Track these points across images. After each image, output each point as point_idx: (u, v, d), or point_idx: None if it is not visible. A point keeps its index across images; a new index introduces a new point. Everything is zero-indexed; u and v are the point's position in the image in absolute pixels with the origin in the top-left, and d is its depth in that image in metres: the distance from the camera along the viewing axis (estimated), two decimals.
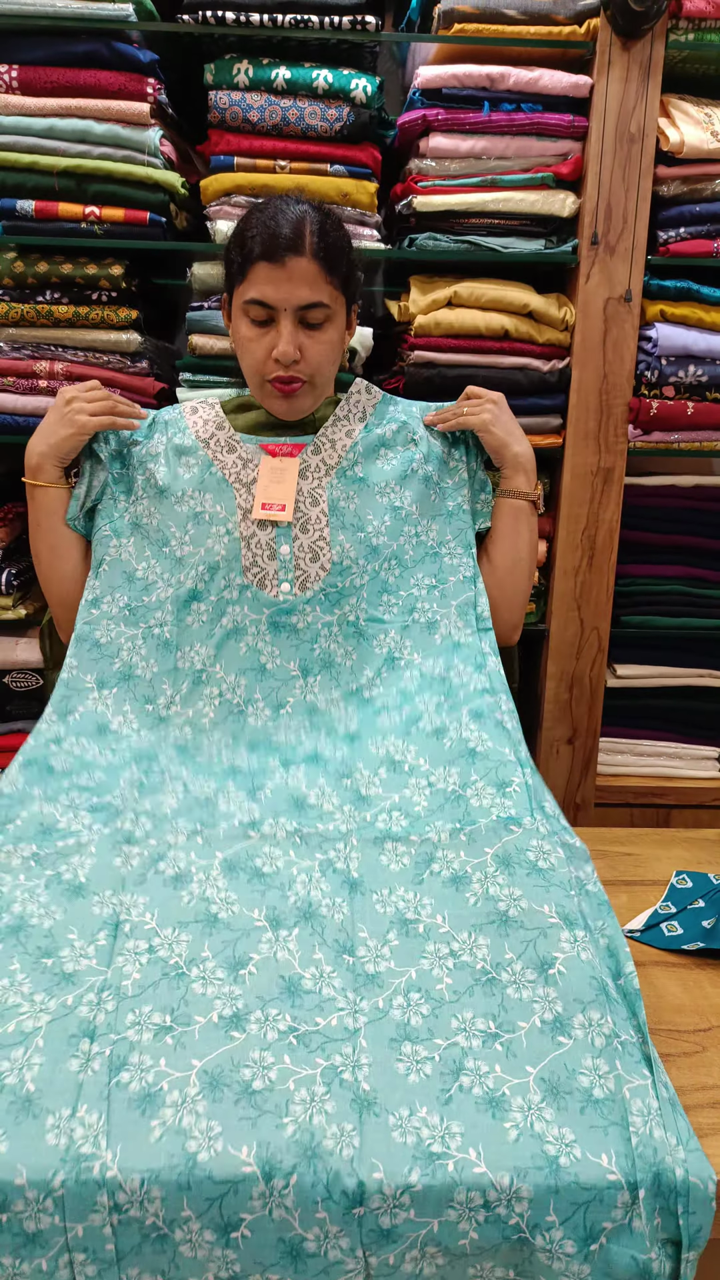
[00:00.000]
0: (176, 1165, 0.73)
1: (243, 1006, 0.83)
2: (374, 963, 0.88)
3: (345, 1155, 0.74)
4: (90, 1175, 0.72)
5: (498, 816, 1.00)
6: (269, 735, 1.16)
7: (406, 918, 0.91)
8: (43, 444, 1.27)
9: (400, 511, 1.25)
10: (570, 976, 0.85)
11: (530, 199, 1.77)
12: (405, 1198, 0.73)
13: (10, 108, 1.70)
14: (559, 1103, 0.78)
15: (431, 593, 1.26)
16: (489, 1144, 0.75)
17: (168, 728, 1.18)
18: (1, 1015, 0.82)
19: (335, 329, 1.22)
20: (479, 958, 0.88)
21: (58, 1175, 0.72)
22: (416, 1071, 0.80)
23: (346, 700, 1.19)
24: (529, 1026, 0.83)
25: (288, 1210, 0.72)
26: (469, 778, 1.05)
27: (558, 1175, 0.74)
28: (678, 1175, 0.74)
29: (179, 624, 1.21)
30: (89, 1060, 0.79)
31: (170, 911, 0.91)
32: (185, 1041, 0.81)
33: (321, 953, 0.88)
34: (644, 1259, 0.73)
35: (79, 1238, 0.72)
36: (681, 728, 2.12)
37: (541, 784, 1.12)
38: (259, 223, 1.18)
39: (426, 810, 1.03)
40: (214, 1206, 0.72)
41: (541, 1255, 0.73)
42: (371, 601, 1.22)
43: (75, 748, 1.15)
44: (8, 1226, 0.72)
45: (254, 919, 0.90)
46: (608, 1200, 0.73)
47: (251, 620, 1.20)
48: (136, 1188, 0.72)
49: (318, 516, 1.22)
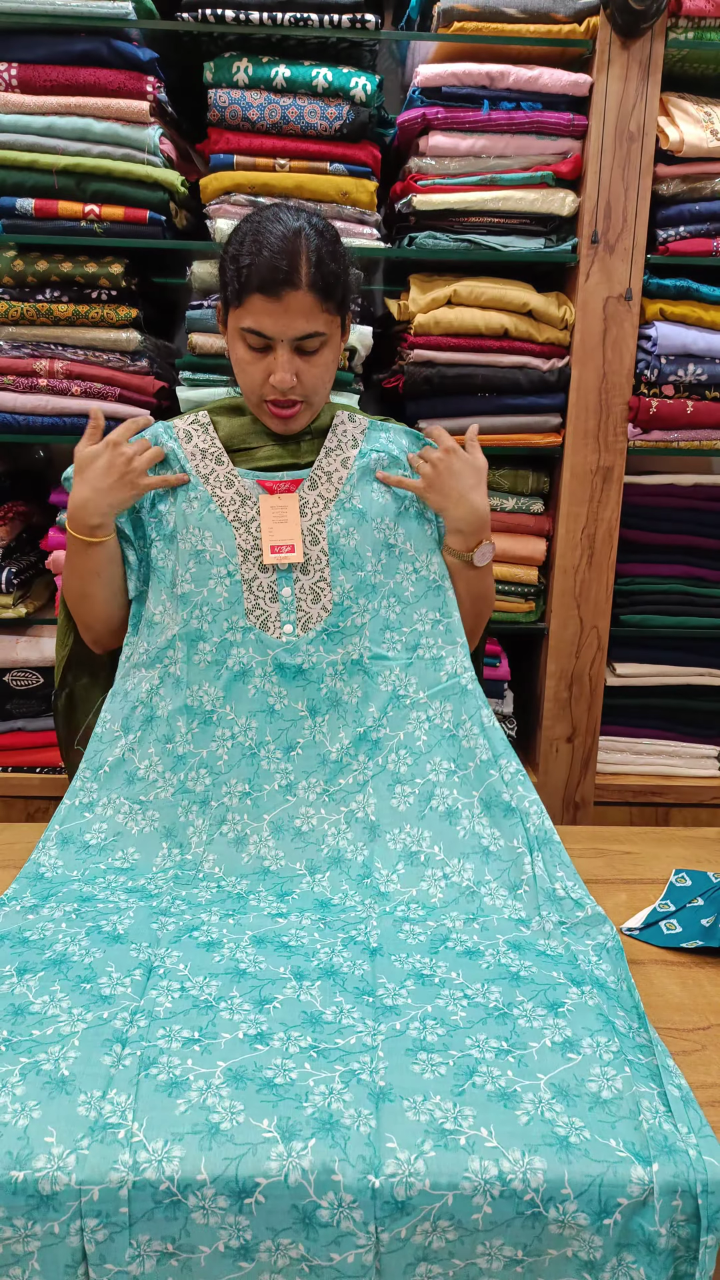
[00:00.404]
0: (200, 1130, 0.77)
1: (266, 1029, 0.88)
2: (392, 998, 0.93)
3: (362, 1131, 0.77)
4: (115, 1138, 0.76)
5: (509, 916, 1.07)
6: (290, 820, 1.19)
7: (423, 974, 0.97)
8: (104, 505, 1.21)
9: (395, 550, 1.27)
10: (578, 1013, 0.90)
11: (530, 198, 1.77)
12: (420, 1164, 0.75)
13: (10, 106, 1.70)
14: (568, 1101, 0.80)
15: (436, 628, 1.27)
16: (500, 1125, 0.78)
17: (184, 768, 1.21)
18: (41, 1022, 0.87)
19: (331, 350, 1.23)
20: (492, 999, 0.93)
21: (84, 1139, 0.76)
22: (432, 1071, 0.83)
23: (356, 745, 1.21)
24: (539, 1045, 0.87)
25: (304, 1172, 0.74)
26: (482, 875, 1.12)
27: (569, 1152, 0.75)
28: (692, 1156, 0.75)
29: (188, 661, 1.22)
30: (121, 1059, 0.83)
31: (202, 965, 0.97)
32: (211, 1049, 0.85)
33: (342, 996, 0.93)
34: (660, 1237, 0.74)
35: (93, 1201, 0.74)
36: (680, 726, 2.12)
37: (553, 845, 1.16)
38: (255, 249, 1.15)
39: (442, 903, 1.10)
40: (232, 1165, 0.74)
41: (553, 1227, 0.74)
42: (375, 639, 1.23)
43: (108, 809, 1.20)
44: (23, 1187, 0.73)
45: (279, 973, 0.96)
46: (621, 1176, 0.74)
47: (257, 662, 1.21)
48: (159, 1147, 0.75)
49: (318, 556, 1.23)
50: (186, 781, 1.20)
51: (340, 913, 1.08)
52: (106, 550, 1.25)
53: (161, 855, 1.16)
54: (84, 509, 1.21)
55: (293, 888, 1.12)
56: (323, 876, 1.14)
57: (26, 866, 1.14)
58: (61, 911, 1.04)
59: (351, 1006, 0.91)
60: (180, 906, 1.07)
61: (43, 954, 0.97)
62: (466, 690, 1.25)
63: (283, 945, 1.00)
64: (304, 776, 1.20)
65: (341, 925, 1.05)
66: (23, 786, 2.04)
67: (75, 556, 1.26)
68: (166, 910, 1.05)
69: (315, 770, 1.21)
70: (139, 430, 1.26)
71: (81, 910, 1.04)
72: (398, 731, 1.22)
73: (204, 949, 0.99)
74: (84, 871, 1.13)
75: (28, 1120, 0.76)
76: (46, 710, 2.04)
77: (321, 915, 1.07)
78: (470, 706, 1.24)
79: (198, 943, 1.00)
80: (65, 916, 1.03)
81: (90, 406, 1.82)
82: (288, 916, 1.06)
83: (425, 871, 1.13)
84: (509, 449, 1.90)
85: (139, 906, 1.05)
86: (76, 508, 1.22)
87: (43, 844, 1.18)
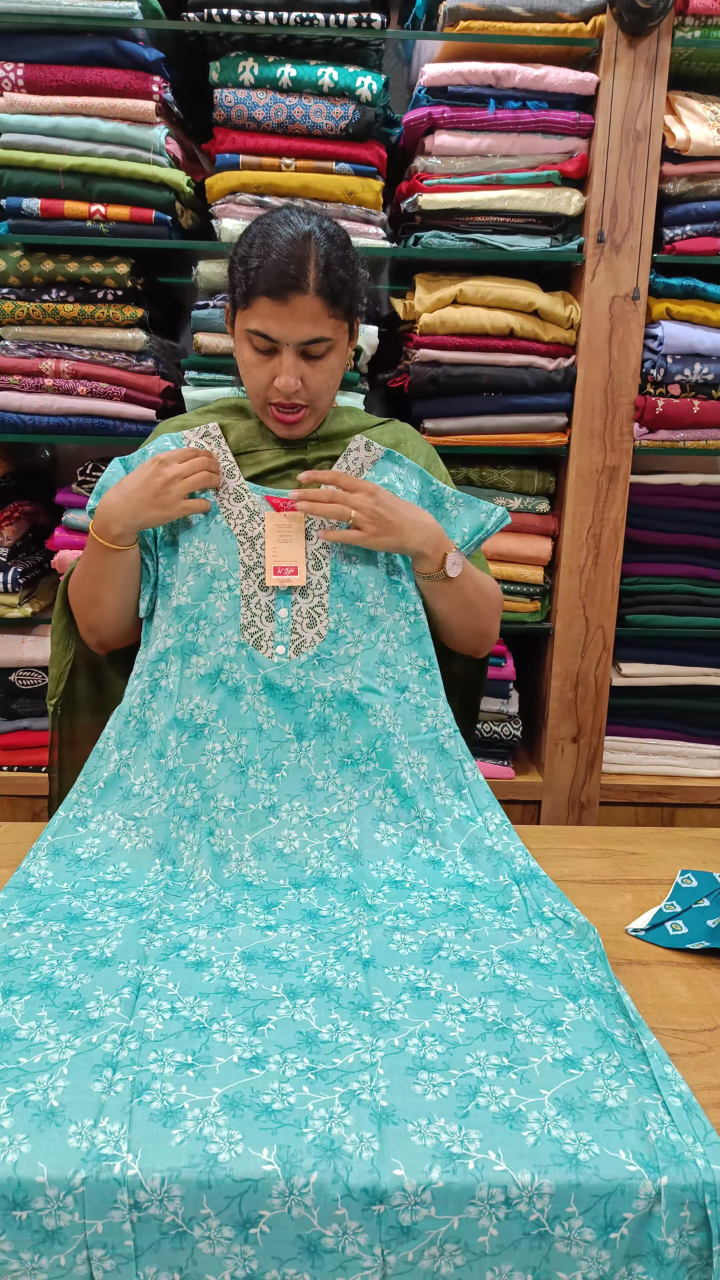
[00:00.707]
0: (197, 1165, 0.74)
1: (262, 1052, 0.87)
2: (389, 1013, 0.92)
3: (365, 1156, 0.75)
4: (111, 1174, 0.73)
5: (500, 928, 1.07)
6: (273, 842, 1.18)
7: (418, 986, 0.96)
8: (131, 519, 1.19)
9: (399, 586, 1.25)
10: (577, 1031, 0.90)
11: (536, 197, 1.76)
12: (426, 1194, 0.74)
13: (16, 106, 1.70)
14: (574, 1115, 0.80)
15: (423, 676, 1.27)
16: (508, 1147, 0.77)
17: (175, 783, 1.20)
18: (28, 1049, 0.86)
19: (337, 355, 1.22)
20: (489, 1014, 0.92)
21: (78, 1174, 0.73)
22: (434, 1093, 0.82)
23: (341, 773, 1.21)
24: (541, 1062, 0.86)
25: (307, 1208, 0.73)
26: (469, 899, 1.13)
27: (578, 1170, 0.75)
28: (700, 1166, 0.74)
29: (180, 675, 1.22)
30: (112, 1084, 0.81)
31: (191, 985, 0.96)
32: (206, 1075, 0.83)
33: (338, 1013, 0.92)
34: (669, 1247, 0.74)
35: (98, 1234, 0.73)
36: (686, 726, 2.12)
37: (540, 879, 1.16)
38: (263, 251, 1.14)
39: (431, 914, 1.10)
40: (233, 1204, 0.73)
41: (560, 1245, 0.74)
42: (368, 671, 1.22)
43: (102, 825, 1.20)
44: (27, 1224, 0.73)
45: (272, 991, 0.96)
46: (629, 1191, 0.74)
47: (248, 680, 1.20)
48: (157, 1186, 0.73)
49: (319, 581, 1.21)
50: (178, 796, 1.19)
51: (330, 924, 1.07)
52: (123, 560, 1.23)
53: (154, 870, 1.15)
54: (109, 514, 1.20)
55: (279, 899, 1.11)
56: (309, 890, 1.13)
57: (15, 876, 1.13)
58: (49, 931, 1.03)
59: (348, 1023, 0.90)
60: (168, 922, 1.06)
61: (29, 975, 0.95)
62: (444, 750, 1.25)
63: (274, 961, 0.99)
64: (287, 799, 1.19)
65: (333, 937, 1.04)
66: (28, 786, 2.05)
67: (91, 558, 1.25)
68: (154, 925, 1.04)
69: (299, 794, 1.19)
70: (193, 457, 1.21)
71: (69, 932, 1.03)
72: (385, 770, 1.21)
73: (193, 968, 0.98)
74: (74, 884, 1.12)
75: (17, 1155, 0.74)
76: None
77: (311, 926, 1.06)
78: (446, 766, 1.25)
79: (186, 962, 0.98)
80: (52, 937, 1.02)
81: (95, 406, 1.84)
82: (277, 929, 1.05)
83: (412, 893, 1.13)
84: (514, 449, 1.90)
85: (127, 925, 1.04)
86: (103, 510, 1.20)
87: (34, 854, 1.17)
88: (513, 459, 1.95)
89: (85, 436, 1.87)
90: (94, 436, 1.86)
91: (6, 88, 1.70)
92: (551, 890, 1.14)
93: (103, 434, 1.86)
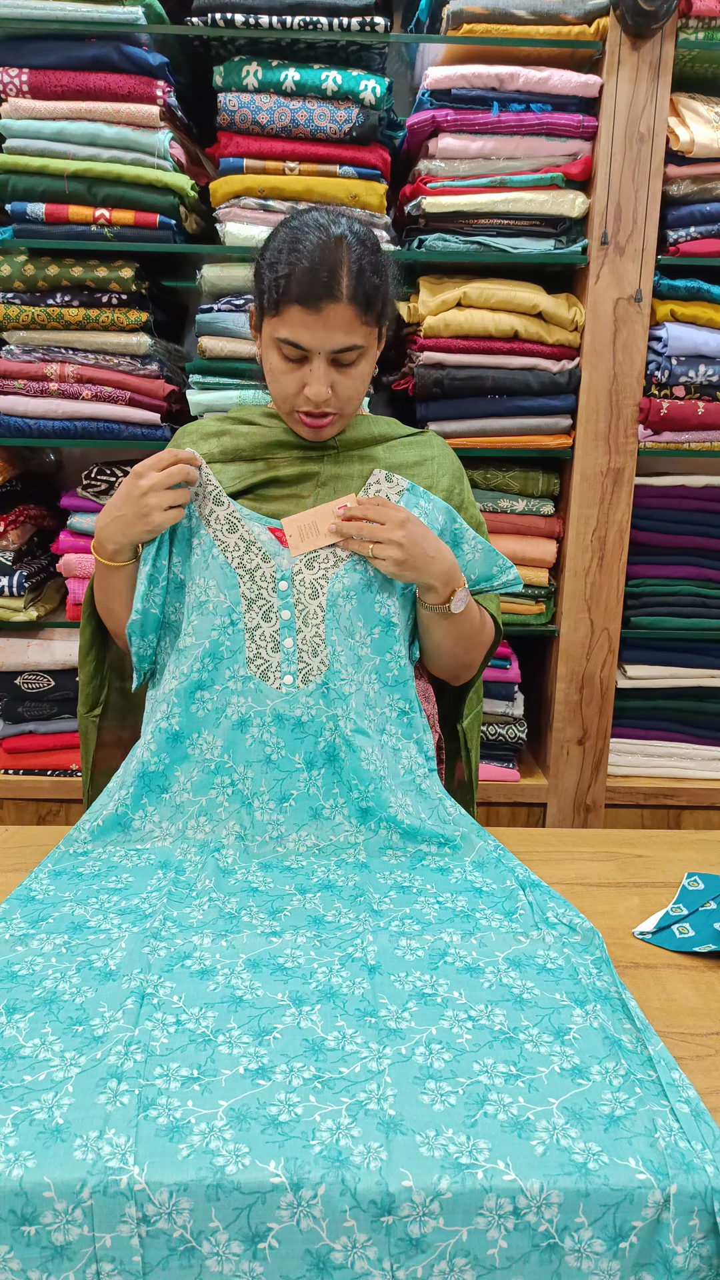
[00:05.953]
0: (205, 1178, 0.74)
1: (268, 1062, 0.86)
2: (395, 1020, 0.92)
3: (373, 1167, 0.75)
4: (118, 1187, 0.73)
5: (505, 933, 1.06)
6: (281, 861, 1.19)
7: (424, 992, 0.96)
8: (120, 537, 1.18)
9: (394, 629, 1.25)
10: (584, 1040, 0.90)
11: (539, 199, 1.76)
12: (435, 1205, 0.73)
13: (21, 111, 1.71)
14: (582, 1124, 0.79)
15: (401, 719, 1.27)
16: (517, 1156, 0.77)
17: (183, 816, 1.21)
18: (33, 1067, 0.85)
19: (368, 362, 1.20)
20: (496, 1022, 0.92)
21: (85, 1187, 0.73)
22: (441, 1102, 0.82)
23: (348, 804, 1.22)
24: (548, 1071, 0.86)
25: (315, 1220, 0.73)
26: (476, 904, 1.13)
27: (588, 1179, 0.74)
28: (709, 1174, 0.74)
29: (186, 714, 1.22)
30: (117, 1096, 0.81)
31: (197, 995, 0.96)
32: (212, 1088, 0.83)
33: (344, 1020, 0.92)
34: (677, 1255, 0.73)
35: (106, 1248, 0.73)
36: (692, 729, 2.12)
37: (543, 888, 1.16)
38: (295, 258, 1.11)
39: (438, 919, 1.09)
40: (242, 1216, 0.73)
41: (570, 1258, 0.74)
42: (359, 713, 1.22)
43: (103, 853, 1.21)
44: (36, 1240, 0.73)
45: (277, 999, 0.95)
46: (638, 1200, 0.74)
47: (256, 712, 1.20)
48: (165, 1199, 0.73)
49: (315, 611, 1.20)
50: (186, 830, 1.21)
51: (335, 929, 1.07)
52: (127, 576, 1.23)
53: (157, 878, 1.15)
54: (103, 534, 1.20)
55: (284, 905, 1.11)
56: (314, 896, 1.13)
57: (18, 890, 1.13)
58: (52, 945, 1.03)
59: (354, 1031, 0.90)
60: (172, 929, 1.05)
61: (32, 991, 0.95)
62: (421, 790, 1.26)
63: (279, 968, 0.99)
64: (294, 829, 1.20)
65: (338, 942, 1.04)
66: (34, 789, 2.05)
67: (99, 573, 1.26)
68: (158, 933, 1.04)
69: (306, 823, 1.21)
70: (171, 463, 1.17)
71: (72, 943, 1.03)
72: (384, 809, 1.22)
73: (198, 977, 0.97)
74: (76, 892, 1.13)
75: (23, 1170, 0.74)
76: (58, 713, 2.05)
77: (317, 932, 1.06)
78: (427, 806, 1.25)
79: (190, 971, 0.98)
80: (55, 950, 1.02)
81: (100, 410, 1.85)
82: (281, 935, 1.05)
83: (419, 899, 1.13)
84: (519, 451, 1.90)
85: (131, 934, 1.04)
86: (98, 529, 1.21)
87: (35, 876, 1.17)
88: (517, 461, 1.95)
89: (90, 440, 1.87)
90: (99, 440, 1.87)
91: (11, 93, 1.71)
92: (554, 897, 1.14)
93: (108, 438, 1.86)
